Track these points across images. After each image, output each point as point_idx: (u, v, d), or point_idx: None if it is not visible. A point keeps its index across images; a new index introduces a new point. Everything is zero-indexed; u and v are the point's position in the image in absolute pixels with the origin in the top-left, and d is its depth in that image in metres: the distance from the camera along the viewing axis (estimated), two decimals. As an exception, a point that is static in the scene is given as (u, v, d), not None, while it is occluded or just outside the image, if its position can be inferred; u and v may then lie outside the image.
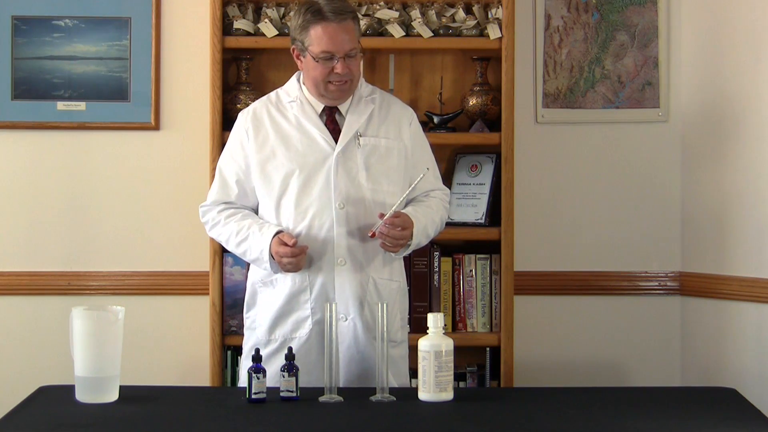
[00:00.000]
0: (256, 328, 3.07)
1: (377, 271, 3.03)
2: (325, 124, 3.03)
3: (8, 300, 3.87)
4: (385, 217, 2.91)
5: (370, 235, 2.94)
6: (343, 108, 3.06)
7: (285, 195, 3.00)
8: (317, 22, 2.93)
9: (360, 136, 3.03)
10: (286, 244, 2.90)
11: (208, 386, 3.60)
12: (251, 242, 2.97)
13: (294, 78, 3.11)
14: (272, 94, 3.13)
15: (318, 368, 2.86)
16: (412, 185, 3.00)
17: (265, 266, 2.97)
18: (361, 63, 3.07)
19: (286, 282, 3.01)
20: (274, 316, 3.03)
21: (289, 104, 3.06)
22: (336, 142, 3.01)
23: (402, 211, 2.97)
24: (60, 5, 3.83)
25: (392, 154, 3.03)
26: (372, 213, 2.97)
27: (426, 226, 3.02)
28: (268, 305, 3.04)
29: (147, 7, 3.84)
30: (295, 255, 2.90)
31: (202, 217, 3.10)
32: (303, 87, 3.07)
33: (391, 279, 3.06)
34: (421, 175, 3.00)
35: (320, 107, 3.05)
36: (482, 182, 3.76)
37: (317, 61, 2.95)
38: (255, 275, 3.10)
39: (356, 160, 3.01)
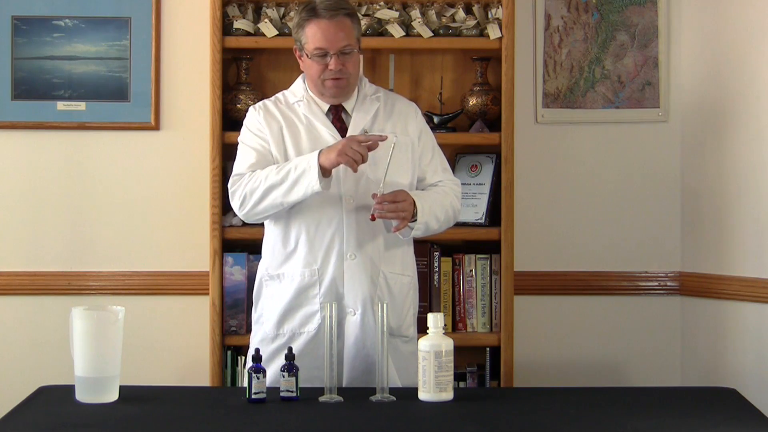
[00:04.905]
0: (263, 322, 3.07)
1: (388, 266, 3.03)
2: (332, 123, 3.05)
3: (8, 300, 3.87)
4: (378, 196, 2.90)
5: (370, 218, 2.94)
6: (348, 107, 3.08)
7: None
8: (311, 20, 2.98)
9: (367, 133, 3.03)
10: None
11: (208, 386, 3.60)
12: (295, 162, 2.93)
13: (299, 79, 3.14)
14: (279, 95, 3.15)
15: None
16: (390, 153, 2.94)
17: (310, 179, 2.89)
18: (361, 61, 3.07)
19: (294, 276, 3.01)
20: (282, 310, 3.03)
21: (296, 104, 3.09)
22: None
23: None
24: (60, 5, 3.83)
25: (399, 149, 3.02)
26: None
27: (432, 207, 3.01)
28: (276, 299, 3.04)
29: (147, 7, 3.84)
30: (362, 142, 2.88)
31: (233, 188, 3.01)
32: (308, 87, 3.09)
33: (403, 274, 3.07)
34: (395, 138, 2.97)
35: (326, 106, 3.08)
36: (482, 182, 3.76)
37: (312, 59, 2.98)
38: (262, 269, 3.09)
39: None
